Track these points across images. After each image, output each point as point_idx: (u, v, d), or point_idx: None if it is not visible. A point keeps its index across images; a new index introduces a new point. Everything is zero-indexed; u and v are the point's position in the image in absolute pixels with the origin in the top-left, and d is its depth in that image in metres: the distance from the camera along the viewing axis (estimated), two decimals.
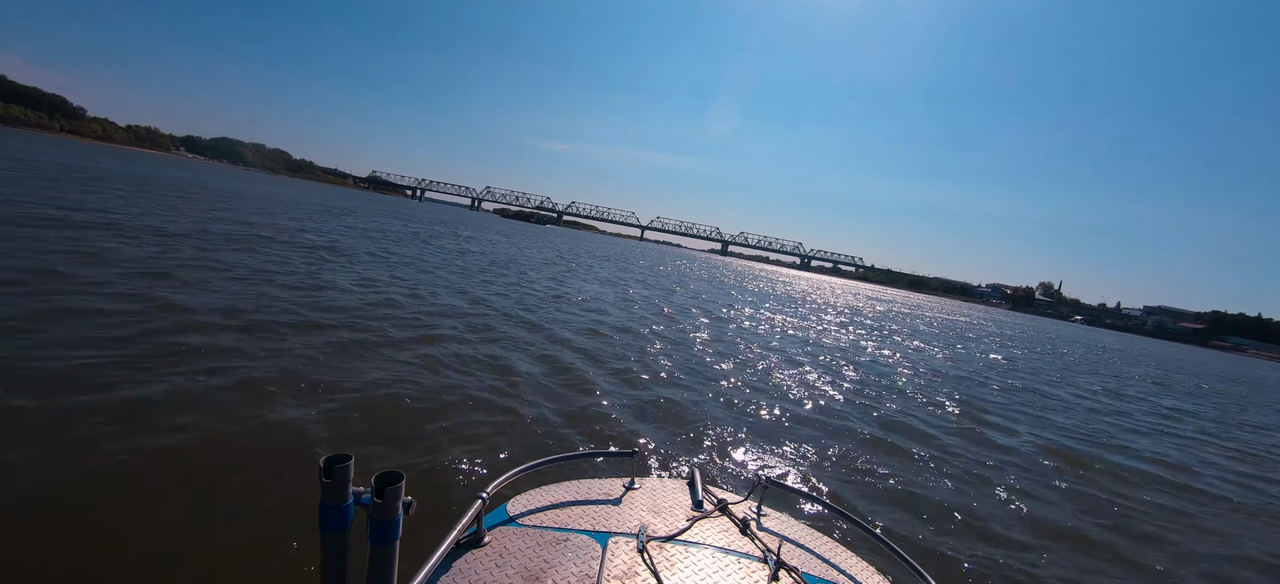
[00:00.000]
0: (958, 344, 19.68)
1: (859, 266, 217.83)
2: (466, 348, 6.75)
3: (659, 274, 30.08)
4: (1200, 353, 77.03)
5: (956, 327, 31.14)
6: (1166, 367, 29.34)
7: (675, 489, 1.81)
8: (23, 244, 7.84)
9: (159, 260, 8.42)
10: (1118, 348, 42.39)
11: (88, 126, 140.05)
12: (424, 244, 21.15)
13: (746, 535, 1.53)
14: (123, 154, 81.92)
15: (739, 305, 19.41)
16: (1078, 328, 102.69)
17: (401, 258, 15.13)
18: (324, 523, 1.12)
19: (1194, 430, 10.07)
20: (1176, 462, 7.31)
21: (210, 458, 3.35)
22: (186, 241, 10.75)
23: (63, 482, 2.90)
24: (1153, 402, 13.16)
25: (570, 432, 4.72)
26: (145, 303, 6.08)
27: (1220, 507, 5.74)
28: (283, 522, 2.84)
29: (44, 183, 16.82)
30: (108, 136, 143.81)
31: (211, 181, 39.72)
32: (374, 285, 9.92)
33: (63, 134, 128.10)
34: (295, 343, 5.68)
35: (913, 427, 6.68)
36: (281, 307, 7.03)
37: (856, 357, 11.90)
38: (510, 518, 1.53)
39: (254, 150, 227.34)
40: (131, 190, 19.97)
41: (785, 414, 6.26)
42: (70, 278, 6.50)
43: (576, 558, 1.32)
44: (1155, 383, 18.42)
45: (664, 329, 10.88)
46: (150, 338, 5.05)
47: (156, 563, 2.48)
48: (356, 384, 4.83)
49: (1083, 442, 7.53)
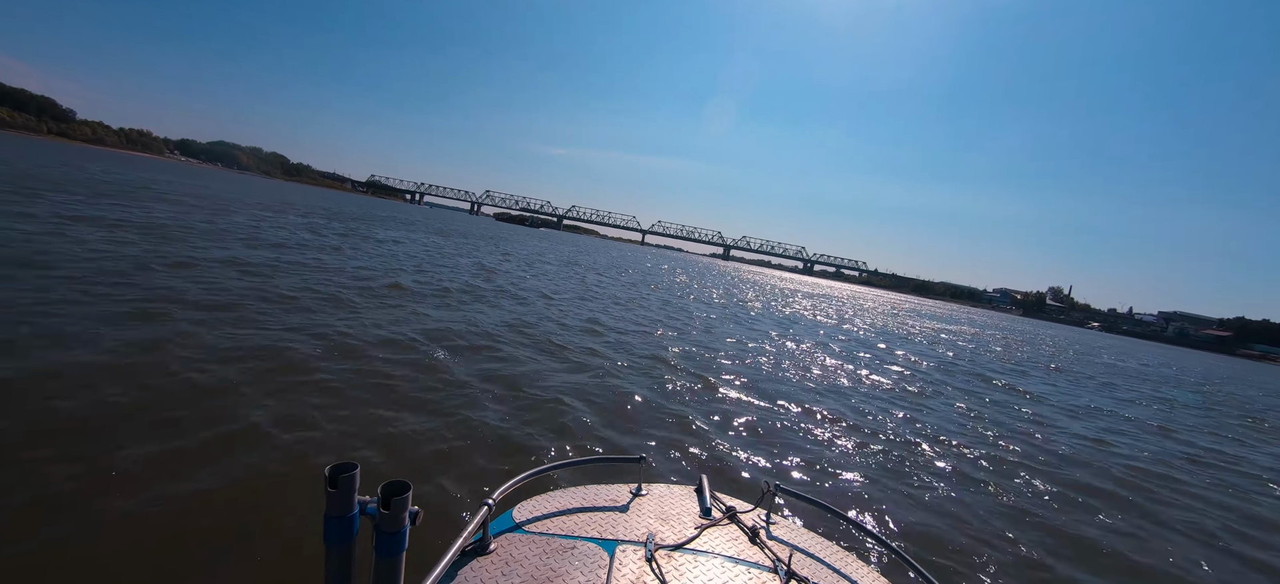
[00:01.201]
0: (1035, 381, 15.76)
1: (862, 271, 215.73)
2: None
3: (671, 302, 26.10)
4: (1234, 363, 72.67)
5: (987, 342, 27.10)
6: (1240, 384, 25.59)
7: (683, 496, 1.79)
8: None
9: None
10: (1159, 362, 38.24)
11: (77, 129, 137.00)
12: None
13: (756, 544, 1.51)
14: (107, 157, 78.59)
15: (761, 337, 15.61)
16: (1098, 335, 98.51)
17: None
18: (329, 534, 1.09)
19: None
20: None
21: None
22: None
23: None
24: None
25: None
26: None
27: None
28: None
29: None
30: (98, 140, 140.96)
31: (189, 185, 35.94)
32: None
33: (51, 137, 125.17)
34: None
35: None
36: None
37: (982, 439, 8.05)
38: (516, 525, 1.52)
39: (250, 154, 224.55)
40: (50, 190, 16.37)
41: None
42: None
43: (584, 566, 1.31)
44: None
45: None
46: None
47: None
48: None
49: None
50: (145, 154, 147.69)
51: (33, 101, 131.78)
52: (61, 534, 2.63)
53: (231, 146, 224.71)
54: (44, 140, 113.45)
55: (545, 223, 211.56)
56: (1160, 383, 20.25)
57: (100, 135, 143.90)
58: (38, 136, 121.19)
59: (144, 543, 2.65)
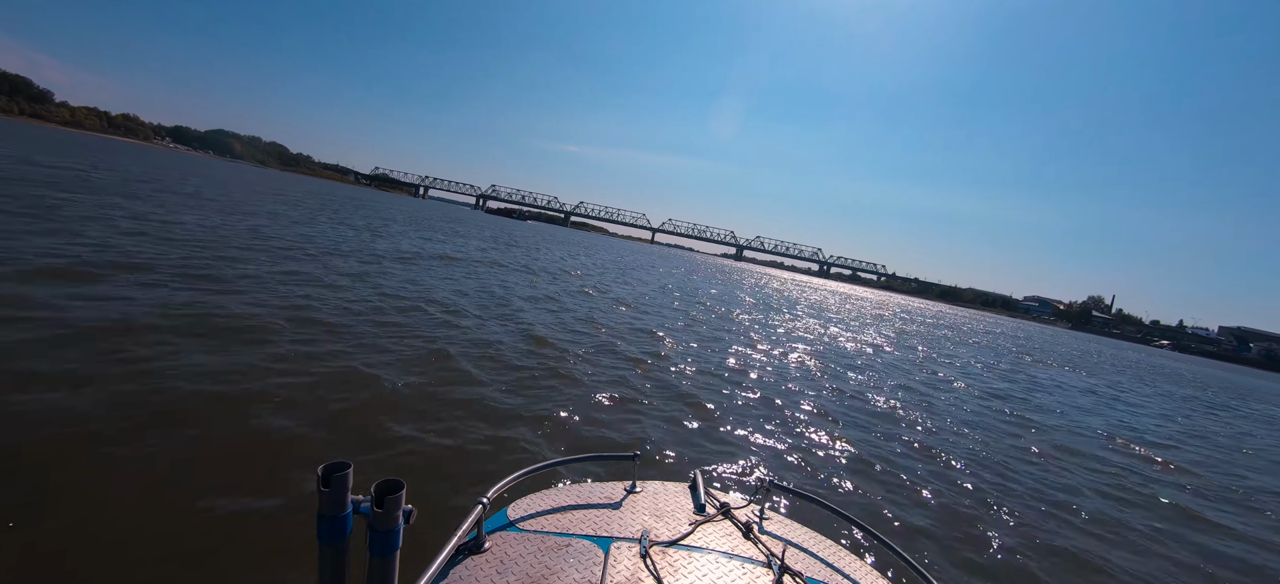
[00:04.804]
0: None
1: (881, 275, 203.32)
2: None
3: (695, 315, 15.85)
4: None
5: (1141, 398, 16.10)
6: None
7: (677, 493, 1.79)
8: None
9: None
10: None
11: (54, 112, 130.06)
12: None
13: (750, 539, 1.52)
14: (67, 141, 70.51)
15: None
16: (1179, 358, 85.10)
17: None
18: (322, 533, 1.08)
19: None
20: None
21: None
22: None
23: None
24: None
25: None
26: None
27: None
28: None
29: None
30: (77, 123, 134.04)
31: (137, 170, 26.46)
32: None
33: (23, 118, 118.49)
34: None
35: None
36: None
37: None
38: (511, 523, 1.51)
39: (246, 143, 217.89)
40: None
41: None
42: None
43: (578, 563, 1.31)
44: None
45: None
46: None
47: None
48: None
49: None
50: (130, 140, 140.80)
51: (6, 80, 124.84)
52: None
53: (229, 135, 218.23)
54: (13, 121, 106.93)
55: (525, 214, 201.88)
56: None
57: (79, 118, 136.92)
58: (10, 118, 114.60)
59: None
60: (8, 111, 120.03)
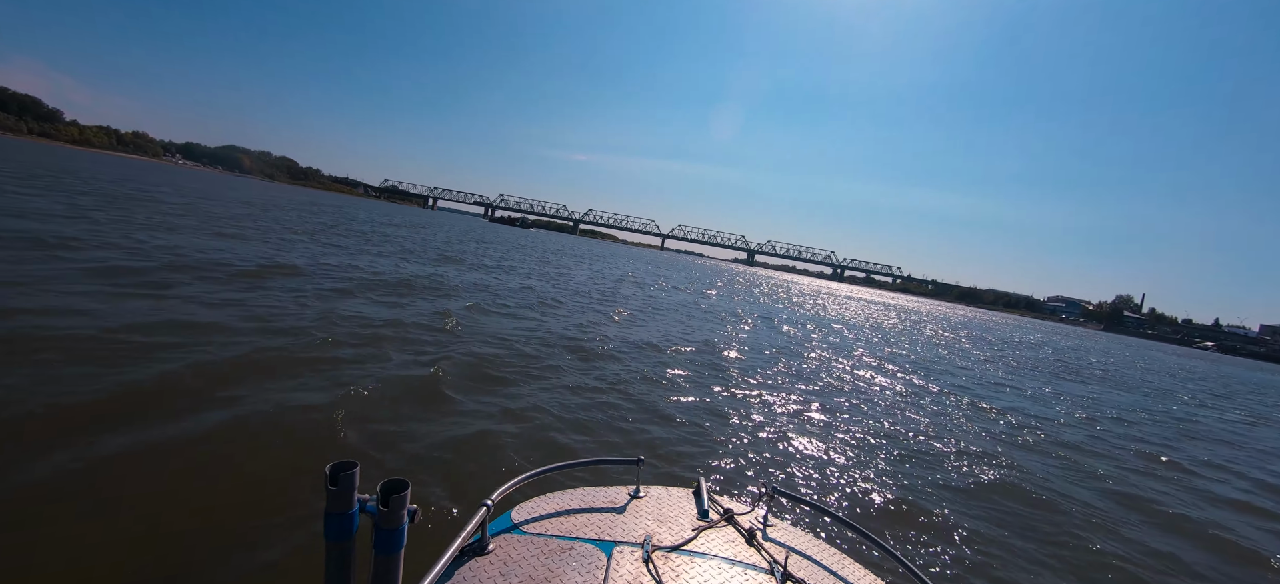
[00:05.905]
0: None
1: (896, 277, 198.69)
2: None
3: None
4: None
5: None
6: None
7: (681, 498, 1.78)
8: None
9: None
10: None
11: (63, 130, 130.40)
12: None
13: (753, 546, 1.51)
14: (76, 158, 68.94)
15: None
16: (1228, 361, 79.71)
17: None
18: (329, 531, 1.09)
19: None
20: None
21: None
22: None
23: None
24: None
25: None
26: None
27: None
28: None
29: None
30: (84, 141, 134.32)
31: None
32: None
33: (31, 137, 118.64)
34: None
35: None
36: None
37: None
38: (514, 525, 1.52)
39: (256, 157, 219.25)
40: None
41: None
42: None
43: (581, 567, 1.31)
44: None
45: None
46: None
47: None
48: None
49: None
50: (140, 157, 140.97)
51: (14, 100, 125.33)
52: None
53: (239, 150, 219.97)
54: (22, 140, 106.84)
55: (559, 226, 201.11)
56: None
57: (87, 137, 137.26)
58: (17, 137, 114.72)
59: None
60: (15, 130, 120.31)
